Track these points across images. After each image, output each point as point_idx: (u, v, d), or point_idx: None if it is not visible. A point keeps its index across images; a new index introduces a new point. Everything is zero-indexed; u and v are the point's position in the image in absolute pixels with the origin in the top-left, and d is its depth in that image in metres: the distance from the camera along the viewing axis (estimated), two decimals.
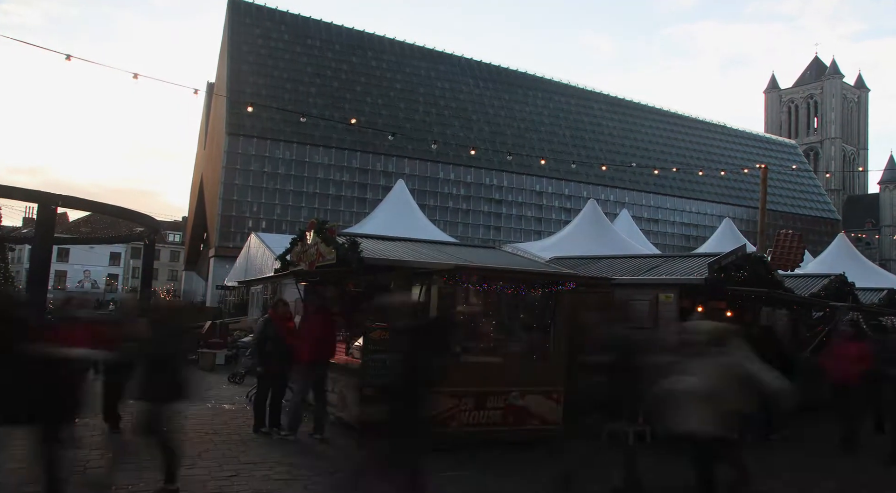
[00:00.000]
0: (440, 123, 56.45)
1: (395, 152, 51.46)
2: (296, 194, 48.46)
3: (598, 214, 23.25)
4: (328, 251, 10.75)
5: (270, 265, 17.91)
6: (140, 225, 26.54)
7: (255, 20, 54.45)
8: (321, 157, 49.65)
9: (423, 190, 50.45)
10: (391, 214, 22.52)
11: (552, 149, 58.91)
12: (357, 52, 57.78)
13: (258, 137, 47.60)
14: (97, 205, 23.63)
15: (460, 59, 63.96)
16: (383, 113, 54.15)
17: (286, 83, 51.63)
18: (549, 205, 57.89)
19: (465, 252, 11.91)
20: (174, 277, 73.68)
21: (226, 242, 44.44)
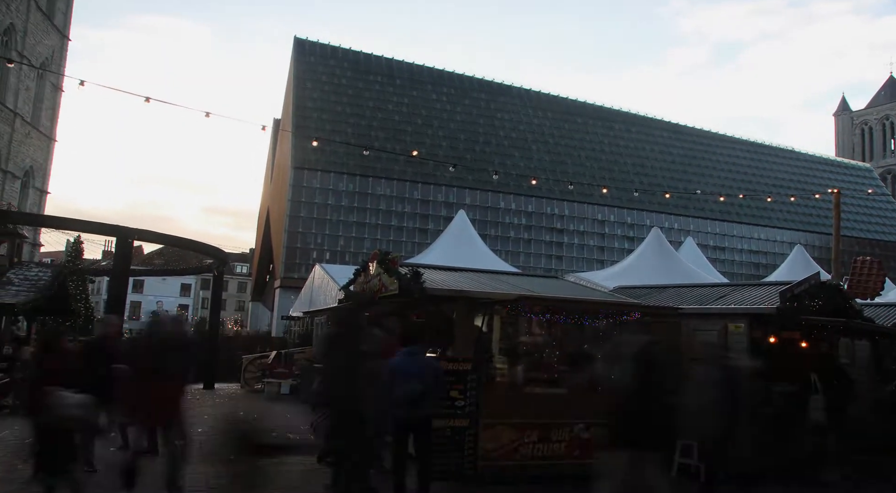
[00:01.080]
0: (500, 153, 56.70)
1: (456, 183, 51.83)
2: (358, 226, 49.26)
3: (662, 243, 22.81)
4: (391, 282, 10.89)
5: (334, 296, 18.18)
6: (209, 257, 27.44)
7: (319, 58, 56.20)
8: (383, 188, 50.44)
9: (484, 220, 50.51)
10: (452, 245, 22.61)
11: (613, 177, 58.29)
12: (417, 86, 58.85)
13: (322, 171, 48.75)
14: (170, 238, 24.58)
15: (519, 90, 64.34)
16: (444, 145, 54.78)
17: (349, 118, 52.93)
18: (611, 234, 57.09)
19: (527, 282, 11.87)
20: (241, 307, 75.60)
21: (291, 273, 45.35)
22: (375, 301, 10.10)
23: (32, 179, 49.32)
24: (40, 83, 49.99)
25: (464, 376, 8.24)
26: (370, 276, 12.18)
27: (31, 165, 48.97)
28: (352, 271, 14.54)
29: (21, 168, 47.36)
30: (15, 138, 46.01)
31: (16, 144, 46.18)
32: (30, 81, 48.45)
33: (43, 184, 50.93)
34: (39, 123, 49.78)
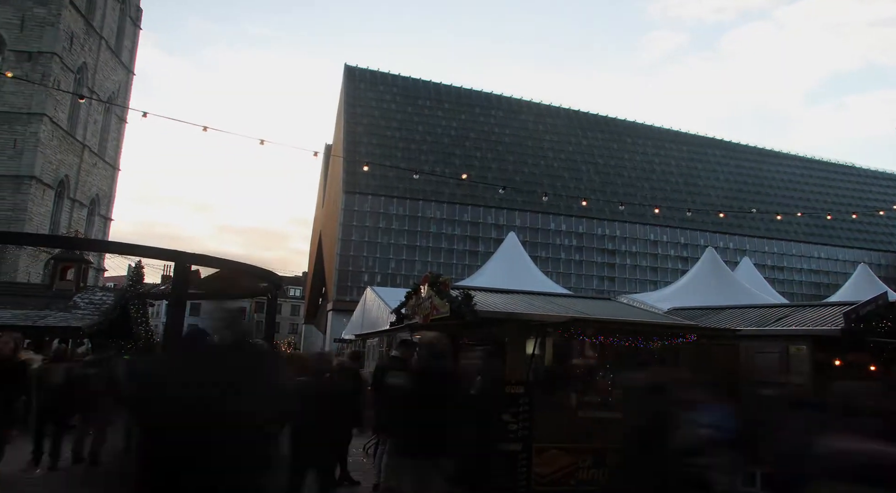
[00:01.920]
0: (549, 174, 56.57)
1: (506, 205, 51.85)
2: (409, 249, 49.64)
3: (717, 263, 22.31)
4: (442, 304, 10.91)
5: (386, 319, 18.32)
6: (264, 280, 28.00)
7: (369, 85, 57.30)
8: (433, 211, 50.81)
9: (535, 242, 50.33)
10: (503, 267, 22.58)
11: (665, 197, 57.47)
12: (466, 109, 59.38)
13: (373, 195, 49.43)
14: (225, 262, 25.17)
15: (567, 111, 64.28)
16: (493, 167, 54.96)
17: (399, 142, 53.66)
18: (664, 254, 56.13)
19: (580, 304, 11.75)
20: (295, 330, 76.73)
21: (343, 296, 45.90)
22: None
23: (98, 206, 51.39)
24: (107, 116, 52.31)
25: (516, 400, 8.19)
26: (422, 298, 12.24)
27: (97, 194, 51.07)
28: (403, 294, 14.65)
29: (88, 197, 49.45)
30: (83, 168, 48.16)
31: (83, 174, 48.31)
32: (98, 115, 50.77)
33: (107, 211, 52.97)
34: (105, 154, 51.99)
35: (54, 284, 24.83)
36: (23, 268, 40.70)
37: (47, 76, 42.44)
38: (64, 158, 45.96)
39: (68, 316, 22.24)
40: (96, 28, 49.37)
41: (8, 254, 40.39)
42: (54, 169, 44.76)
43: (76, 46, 46.40)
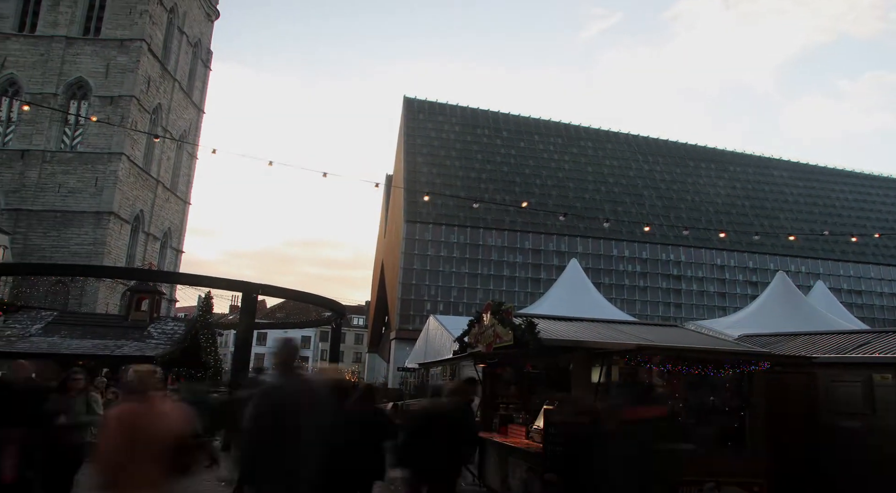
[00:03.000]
0: (611, 200, 55.95)
1: (567, 232, 51.43)
2: (471, 277, 49.63)
3: (789, 288, 21.45)
4: (505, 333, 10.87)
5: (449, 347, 18.32)
6: (328, 310, 28.50)
7: (428, 115, 58.14)
8: (494, 239, 50.79)
9: (598, 268, 49.62)
10: (566, 294, 22.31)
11: (731, 220, 55.99)
12: (524, 137, 59.54)
13: (434, 224, 49.79)
14: (291, 292, 25.79)
15: (627, 136, 63.71)
16: (553, 194, 54.73)
17: (458, 171, 54.08)
18: (732, 279, 54.46)
19: (646, 331, 11.51)
20: (359, 359, 77.40)
21: (406, 324, 46.15)
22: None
23: (170, 239, 53.50)
24: (178, 153, 54.73)
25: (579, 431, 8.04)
26: (484, 326, 12.22)
27: (169, 227, 53.21)
28: (466, 322, 14.64)
29: (161, 230, 51.58)
30: (156, 203, 50.34)
31: (157, 209, 50.47)
32: (170, 152, 53.20)
33: (178, 244, 55.05)
34: (177, 189, 54.24)
35: (130, 314, 25.90)
36: (102, 299, 42.59)
37: (126, 118, 44.76)
38: (139, 193, 48.15)
39: (143, 345, 23.14)
40: (170, 71, 52.01)
41: (88, 286, 42.35)
42: (131, 204, 46.91)
43: (152, 89, 48.89)
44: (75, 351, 21.56)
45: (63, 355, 21.09)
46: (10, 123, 46.37)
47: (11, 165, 44.53)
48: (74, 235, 43.39)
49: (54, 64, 46.19)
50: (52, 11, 47.42)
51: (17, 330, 23.42)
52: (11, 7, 47.30)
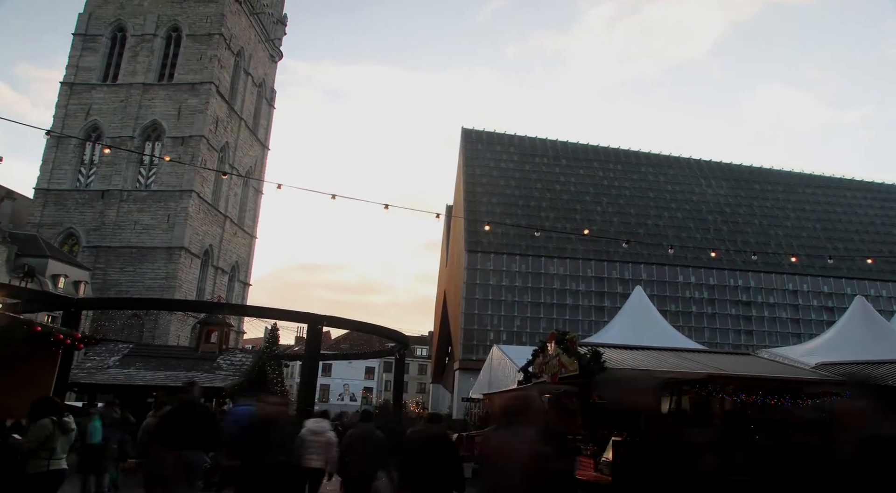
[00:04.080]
0: (674, 225, 54.82)
1: (630, 259, 50.55)
2: (534, 306, 49.18)
3: (868, 313, 20.42)
4: (570, 362, 10.77)
5: (513, 377, 18.19)
6: (391, 340, 28.67)
7: (486, 145, 58.49)
8: (556, 268, 50.31)
9: (663, 295, 48.48)
10: (631, 322, 21.83)
11: (802, 244, 54.01)
12: (584, 164, 59.16)
13: (495, 253, 49.71)
14: (354, 323, 26.06)
15: (688, 160, 62.56)
16: (615, 221, 54.03)
17: (518, 200, 54.03)
18: (806, 305, 52.30)
19: (716, 359, 11.21)
20: (423, 389, 77.28)
21: (469, 354, 45.96)
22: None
23: (237, 272, 55.08)
24: (245, 189, 56.59)
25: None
26: (549, 356, 12.14)
27: (237, 261, 54.83)
28: (530, 352, 14.55)
29: (229, 264, 53.19)
30: (224, 238, 52.03)
31: (225, 243, 52.15)
32: (237, 188, 55.09)
33: (245, 277, 56.60)
34: (243, 223, 55.97)
35: (200, 346, 26.66)
36: (173, 331, 44.05)
37: (196, 157, 46.73)
38: (208, 229, 49.90)
39: (213, 377, 23.73)
40: (237, 111, 54.16)
41: (161, 319, 43.91)
42: (200, 239, 48.63)
43: (220, 128, 50.99)
44: (149, 382, 22.29)
45: (138, 387, 21.86)
46: (93, 166, 49.04)
47: (93, 204, 46.99)
48: (148, 269, 45.23)
49: (132, 109, 48.85)
50: (131, 61, 50.44)
51: (96, 362, 24.41)
52: (97, 60, 50.67)
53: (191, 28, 51.36)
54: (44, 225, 46.12)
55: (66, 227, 46.91)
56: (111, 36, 51.97)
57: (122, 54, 51.36)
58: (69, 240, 46.92)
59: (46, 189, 47.64)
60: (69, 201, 47.50)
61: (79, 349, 13.75)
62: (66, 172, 48.38)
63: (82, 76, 50.46)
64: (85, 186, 48.31)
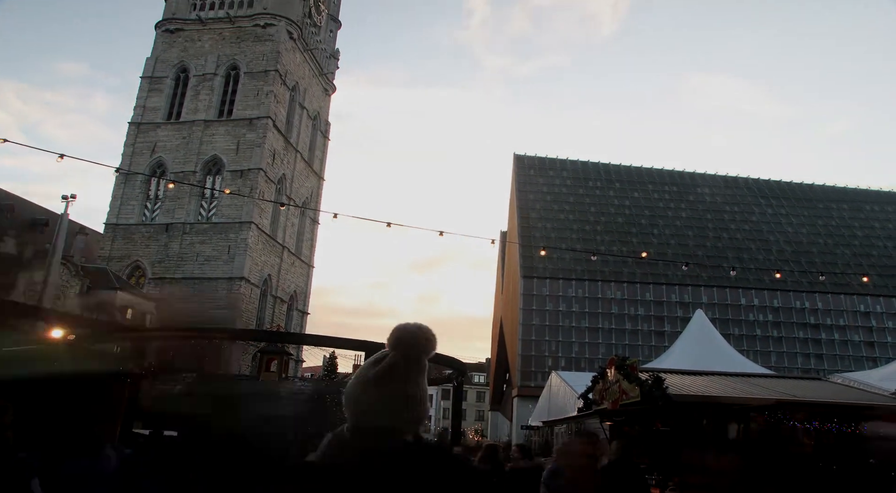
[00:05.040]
0: (734, 247, 53.42)
1: (690, 282, 49.37)
2: (591, 331, 48.41)
3: None
4: (631, 389, 10.54)
5: (573, 404, 17.90)
6: (448, 367, 28.56)
7: (539, 170, 58.42)
8: (613, 292, 49.49)
9: (725, 319, 47.06)
10: (693, 347, 21.29)
11: (873, 263, 51.83)
12: (638, 187, 58.45)
13: (551, 278, 49.27)
14: None
15: (746, 180, 61.14)
16: (672, 243, 53.03)
17: (573, 224, 53.64)
18: (880, 327, 49.93)
19: (785, 384, 10.81)
20: (481, 417, 76.68)
21: (527, 381, 45.42)
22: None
23: (295, 301, 56.07)
24: (302, 219, 57.87)
25: None
26: (609, 382, 11.91)
27: (295, 290, 55.85)
28: (589, 378, 14.31)
29: (287, 293, 54.22)
30: (283, 268, 53.14)
31: (283, 273, 53.24)
32: (294, 218, 56.38)
33: (304, 306, 57.55)
34: (301, 253, 57.11)
35: (260, 375, 27.14)
36: (235, 360, 44.87)
37: (254, 189, 48.10)
38: (267, 259, 51.08)
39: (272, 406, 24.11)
40: (293, 144, 55.72)
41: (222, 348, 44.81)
42: (259, 270, 49.78)
43: (277, 161, 52.46)
44: None
45: None
46: (158, 200, 50.97)
47: (158, 237, 48.74)
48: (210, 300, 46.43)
49: (194, 145, 50.79)
50: (193, 100, 52.65)
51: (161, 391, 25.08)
52: (162, 100, 53.15)
53: (248, 66, 53.27)
54: (113, 258, 47.97)
55: (134, 259, 48.70)
56: (175, 77, 54.31)
57: (184, 93, 53.62)
58: (136, 272, 48.64)
59: (115, 224, 49.66)
60: (136, 235, 49.37)
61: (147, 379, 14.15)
62: (133, 207, 50.37)
63: (148, 116, 52.78)
64: (150, 220, 50.19)
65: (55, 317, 14.55)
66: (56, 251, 21.59)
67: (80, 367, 9.17)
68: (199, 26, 55.08)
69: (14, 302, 28.36)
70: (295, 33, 55.61)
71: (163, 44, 55.20)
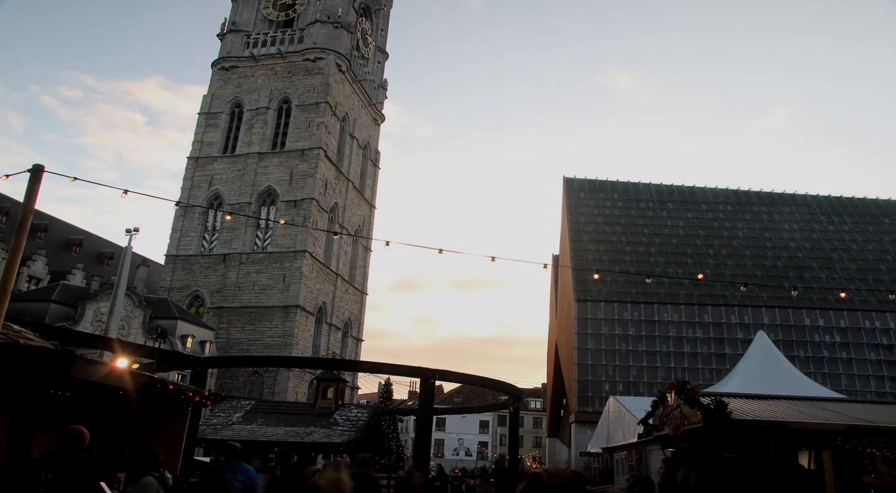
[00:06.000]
0: (795, 266, 51.71)
1: (749, 302, 47.92)
2: (649, 355, 47.34)
3: None
4: (693, 414, 10.26)
5: (632, 430, 17.51)
6: (504, 393, 28.34)
7: (589, 193, 57.90)
8: (670, 314, 48.36)
9: (789, 340, 45.43)
10: (756, 370, 20.65)
11: None
12: (691, 207, 57.37)
13: (605, 301, 48.50)
14: (467, 377, 25.98)
15: (804, 197, 59.33)
16: (729, 263, 51.70)
17: (626, 246, 52.86)
18: None
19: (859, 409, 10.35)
20: (538, 443, 75.47)
21: (584, 406, 44.59)
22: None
23: (350, 329, 56.58)
24: (354, 247, 58.62)
25: None
26: (669, 407, 11.62)
27: (349, 317, 56.40)
28: (649, 403, 14.01)
29: (341, 320, 54.80)
30: (336, 295, 53.80)
31: (337, 300, 53.90)
32: (347, 246, 57.17)
33: (358, 333, 58.02)
34: (354, 281, 57.73)
35: (317, 402, 27.36)
36: (291, 388, 45.55)
37: (307, 218, 49.10)
38: (321, 287, 51.83)
39: (330, 432, 24.22)
40: (344, 173, 56.81)
41: (280, 376, 45.57)
42: (314, 298, 50.52)
43: (329, 190, 53.47)
44: (270, 438, 23.01)
45: (260, 442, 22.62)
46: (215, 232, 52.46)
47: (216, 268, 50.08)
48: (267, 328, 47.32)
49: (249, 177, 52.29)
50: (247, 134, 54.43)
51: (221, 418, 25.51)
52: (218, 135, 55.18)
53: (299, 99, 54.78)
54: (173, 288, 49.45)
55: (193, 290, 50.06)
56: (230, 112, 56.23)
57: (239, 127, 55.45)
58: (195, 302, 49.95)
59: (175, 255, 51.25)
60: (195, 266, 50.81)
61: (206, 406, 14.42)
62: (191, 238, 51.94)
63: (205, 150, 54.67)
64: (208, 250, 51.63)
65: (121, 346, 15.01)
66: (121, 283, 22.32)
67: (147, 396, 9.41)
68: (252, 63, 57.11)
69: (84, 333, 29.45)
70: (343, 66, 56.98)
71: (218, 81, 57.32)
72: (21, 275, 39.57)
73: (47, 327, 18.89)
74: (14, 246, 6.25)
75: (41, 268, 42.18)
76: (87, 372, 6.23)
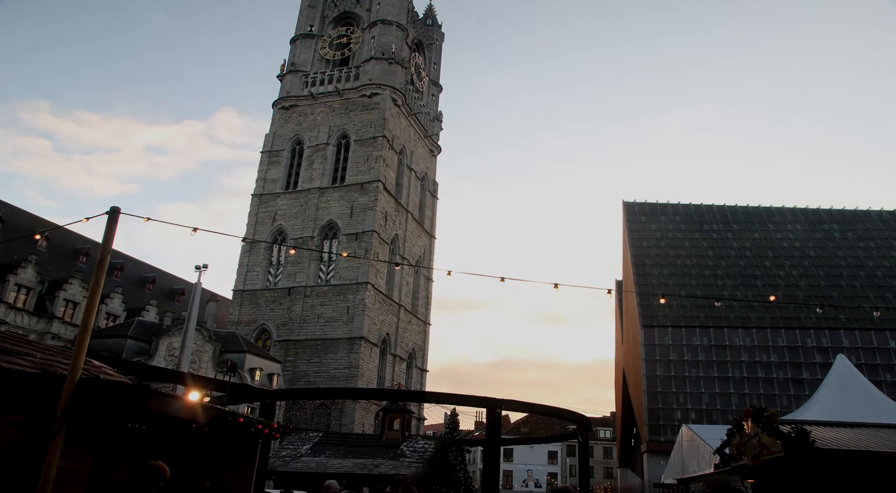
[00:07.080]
0: (874, 285, 49.29)
1: (826, 325, 45.87)
2: (721, 381, 45.70)
3: None
4: (772, 443, 9.85)
5: (708, 460, 16.89)
6: (573, 423, 27.76)
7: (650, 216, 56.88)
8: (741, 338, 46.70)
9: (872, 364, 43.16)
10: (838, 395, 19.67)
11: None
12: (758, 227, 55.67)
13: (673, 326, 47.27)
14: (534, 406, 25.57)
15: (879, 213, 56.76)
16: (801, 284, 49.70)
17: (691, 269, 51.55)
18: None
19: None
20: (609, 474, 73.44)
21: (656, 435, 43.28)
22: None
23: (414, 359, 56.71)
24: (416, 277, 59.05)
25: None
26: (746, 436, 11.18)
27: (413, 348, 56.57)
28: (724, 432, 13.54)
29: (405, 351, 55.02)
30: (399, 326, 54.13)
31: (401, 331, 54.20)
32: (409, 277, 57.64)
33: (422, 363, 58.09)
34: (417, 311, 58.01)
35: (384, 434, 27.43)
36: (358, 419, 45.78)
37: (369, 250, 49.80)
38: (385, 318, 52.25)
39: (397, 464, 24.22)
40: (403, 205, 57.55)
41: (346, 407, 45.91)
42: (377, 329, 50.93)
43: (389, 222, 54.18)
44: (338, 470, 23.17)
45: (329, 475, 22.77)
46: (280, 266, 53.76)
47: (281, 301, 51.22)
48: (332, 359, 47.90)
49: (310, 211, 53.57)
50: (308, 170, 56.00)
51: (290, 451, 25.85)
52: (280, 172, 57.01)
53: (357, 134, 56.05)
54: (241, 322, 50.70)
55: (260, 323, 51.22)
56: (291, 149, 57.98)
57: (300, 164, 57.08)
58: (262, 335, 51.05)
59: (242, 290, 52.63)
60: (261, 300, 52.04)
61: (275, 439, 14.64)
62: (257, 273, 53.29)
63: (269, 187, 56.35)
64: (274, 284, 52.86)
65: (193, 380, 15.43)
66: (191, 318, 23.03)
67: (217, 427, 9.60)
68: (310, 101, 58.90)
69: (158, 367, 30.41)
70: (399, 100, 58.12)
71: (279, 120, 59.26)
72: (100, 312, 41.31)
73: (124, 362, 19.62)
74: (94, 285, 6.54)
75: (118, 305, 43.93)
76: (162, 406, 6.40)
